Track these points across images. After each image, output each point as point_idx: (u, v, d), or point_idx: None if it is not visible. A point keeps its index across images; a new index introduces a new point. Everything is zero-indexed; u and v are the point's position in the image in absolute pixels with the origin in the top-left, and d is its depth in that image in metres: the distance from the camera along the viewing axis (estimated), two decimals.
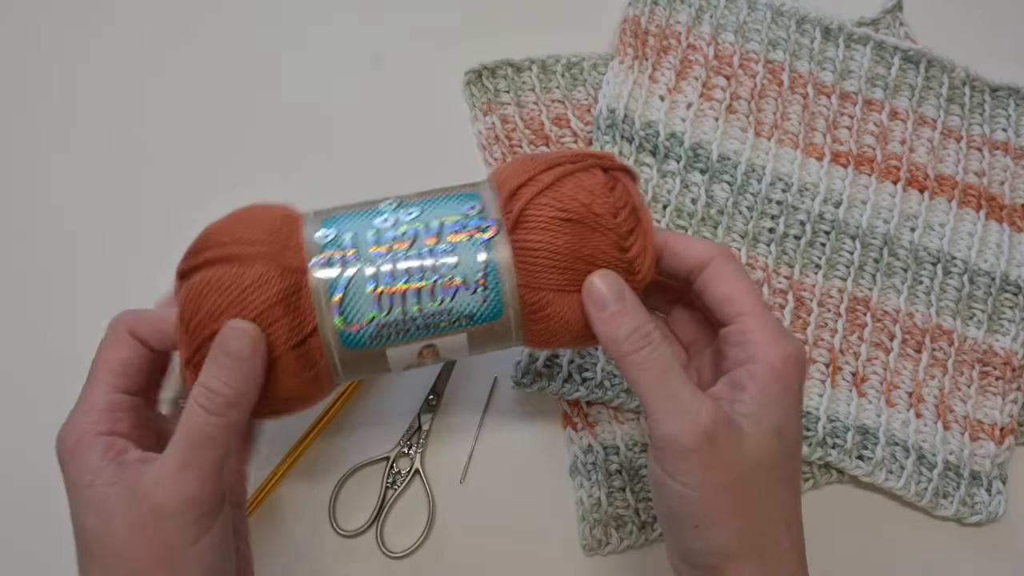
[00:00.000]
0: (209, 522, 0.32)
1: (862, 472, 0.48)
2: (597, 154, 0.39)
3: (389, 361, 0.37)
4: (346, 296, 0.35)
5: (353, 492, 0.47)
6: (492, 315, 0.37)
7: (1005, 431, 0.50)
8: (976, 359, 0.51)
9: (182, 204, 0.48)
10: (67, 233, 0.53)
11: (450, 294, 0.36)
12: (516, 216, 0.37)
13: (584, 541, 0.46)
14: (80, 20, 0.59)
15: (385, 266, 0.35)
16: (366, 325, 0.35)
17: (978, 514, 0.48)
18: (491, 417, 0.49)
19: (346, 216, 0.37)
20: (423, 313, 0.36)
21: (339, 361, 0.36)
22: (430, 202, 0.38)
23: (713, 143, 0.54)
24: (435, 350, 0.37)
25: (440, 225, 0.36)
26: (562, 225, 0.36)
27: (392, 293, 0.35)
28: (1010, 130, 0.57)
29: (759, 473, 0.35)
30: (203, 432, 0.32)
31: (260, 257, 0.35)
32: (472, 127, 0.56)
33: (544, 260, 0.36)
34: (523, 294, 0.37)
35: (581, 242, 0.37)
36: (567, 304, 0.37)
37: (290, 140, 0.55)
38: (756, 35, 0.57)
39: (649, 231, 0.38)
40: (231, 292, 0.34)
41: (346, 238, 0.36)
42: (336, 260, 0.35)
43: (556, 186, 0.37)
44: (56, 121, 0.56)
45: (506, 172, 0.39)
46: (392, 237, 0.36)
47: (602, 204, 0.37)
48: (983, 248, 0.54)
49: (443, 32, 0.59)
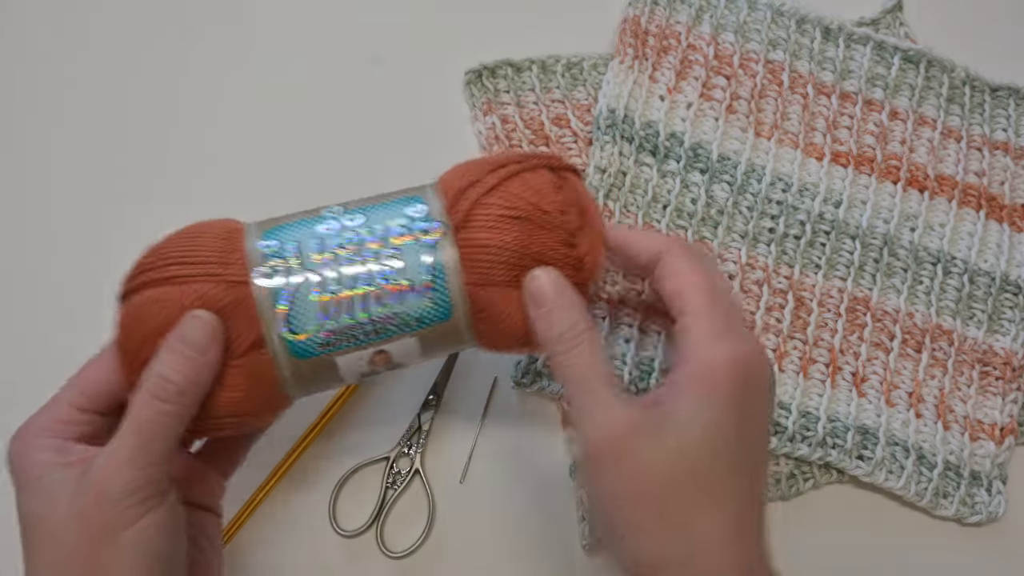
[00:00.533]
0: (153, 504, 0.32)
1: (862, 472, 0.48)
2: (544, 155, 0.39)
3: (340, 370, 0.36)
4: (292, 306, 0.35)
5: (353, 492, 0.47)
6: (441, 316, 0.36)
7: (1005, 431, 0.50)
8: (976, 359, 0.51)
9: (182, 204, 0.48)
10: (43, 239, 0.53)
11: (398, 298, 0.35)
12: (463, 216, 0.36)
13: (584, 541, 0.46)
14: (60, 16, 0.59)
15: (330, 273, 0.35)
16: (314, 334, 0.35)
17: (978, 514, 0.48)
18: (491, 417, 0.49)
19: (289, 225, 0.36)
20: (371, 318, 0.35)
21: (289, 373, 0.35)
22: (374, 207, 0.37)
23: (713, 143, 0.54)
24: (387, 356, 0.37)
25: (385, 229, 0.36)
26: (510, 223, 0.36)
27: (339, 300, 0.35)
28: (1010, 130, 0.57)
29: (685, 481, 0.33)
30: (153, 421, 0.33)
31: (201, 274, 0.34)
32: (472, 127, 0.56)
33: (491, 257, 0.36)
34: (471, 292, 0.36)
35: (529, 239, 0.36)
36: (516, 301, 0.37)
37: (290, 140, 0.55)
38: (756, 35, 0.57)
39: (598, 228, 0.39)
40: (171, 312, 0.34)
41: (289, 247, 0.35)
42: (280, 270, 0.35)
43: (503, 186, 0.37)
44: (32, 122, 0.56)
45: (451, 175, 0.39)
46: (336, 244, 0.35)
47: (550, 202, 0.37)
48: (983, 248, 0.54)
49: (443, 32, 0.59)
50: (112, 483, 0.32)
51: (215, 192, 0.48)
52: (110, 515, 0.32)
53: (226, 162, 0.54)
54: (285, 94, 0.57)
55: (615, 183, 0.52)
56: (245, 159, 0.54)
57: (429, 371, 0.50)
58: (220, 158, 0.55)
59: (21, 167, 0.55)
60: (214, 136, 0.56)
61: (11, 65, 0.58)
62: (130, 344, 0.35)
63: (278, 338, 0.35)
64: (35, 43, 0.58)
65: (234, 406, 0.35)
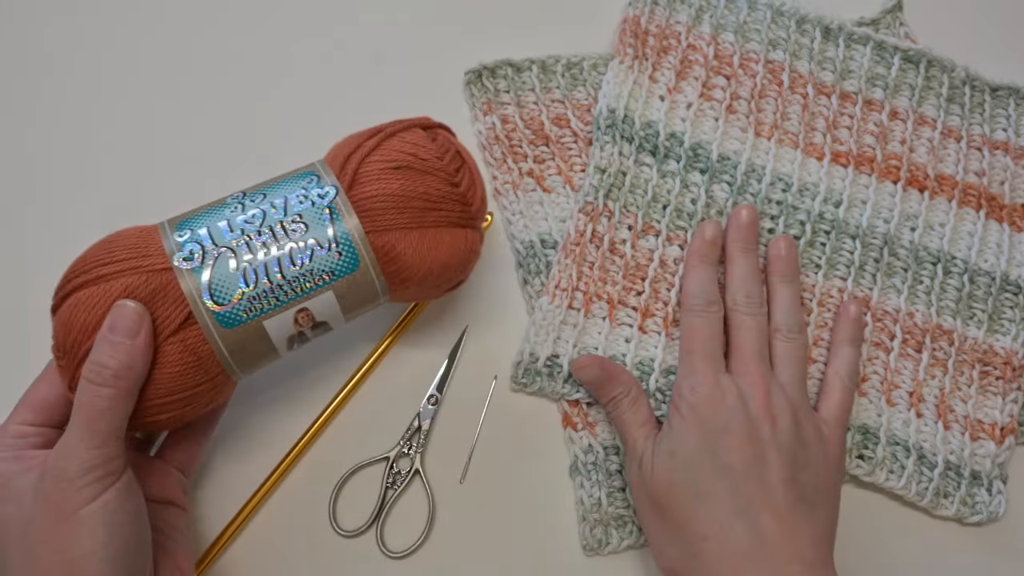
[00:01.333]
0: (109, 482, 0.35)
1: (863, 472, 0.48)
2: (414, 119, 0.45)
3: (270, 335, 0.40)
4: (213, 280, 0.38)
5: (353, 492, 0.47)
6: (350, 267, 0.41)
7: (1005, 431, 0.50)
8: (976, 359, 0.51)
9: (182, 203, 0.48)
10: None
11: (307, 256, 0.40)
12: (351, 177, 0.41)
13: (584, 541, 0.46)
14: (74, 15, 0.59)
15: (243, 246, 0.39)
16: (237, 302, 0.39)
17: (978, 514, 0.48)
18: (491, 417, 0.49)
19: (197, 216, 0.40)
20: (287, 279, 0.39)
21: (222, 344, 0.39)
22: (272, 187, 0.42)
23: (713, 143, 0.54)
24: (309, 313, 0.41)
25: (284, 200, 0.41)
26: (394, 173, 0.41)
27: (255, 268, 0.39)
28: (1010, 130, 0.57)
29: (668, 491, 0.41)
30: (95, 404, 0.36)
31: (124, 269, 0.38)
32: (472, 127, 0.56)
33: (383, 204, 0.41)
34: (372, 240, 0.41)
35: (414, 184, 0.42)
36: (415, 241, 0.42)
37: (289, 140, 0.55)
38: (756, 35, 0.57)
39: (475, 168, 0.45)
40: (100, 307, 0.37)
41: (202, 232, 0.39)
42: (196, 252, 0.39)
43: (382, 145, 0.43)
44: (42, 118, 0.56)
45: (335, 148, 0.44)
46: (243, 220, 0.40)
47: (427, 151, 0.43)
48: (983, 248, 0.54)
49: (443, 32, 0.59)
50: (68, 465, 0.35)
51: (215, 192, 0.48)
52: (69, 492, 0.35)
53: (226, 162, 0.54)
54: (284, 94, 0.57)
55: (615, 183, 0.52)
56: (245, 159, 0.54)
57: (430, 371, 0.50)
58: (220, 157, 0.55)
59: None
60: (213, 136, 0.56)
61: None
62: (67, 346, 0.38)
63: (205, 311, 0.38)
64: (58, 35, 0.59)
65: (174, 381, 0.38)
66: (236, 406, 0.48)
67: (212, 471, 0.48)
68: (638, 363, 0.49)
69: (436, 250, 0.42)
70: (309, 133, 0.48)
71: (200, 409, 0.41)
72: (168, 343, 0.38)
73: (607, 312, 0.50)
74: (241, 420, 0.49)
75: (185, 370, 0.38)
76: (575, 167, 0.54)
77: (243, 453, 0.48)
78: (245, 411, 0.49)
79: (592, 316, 0.50)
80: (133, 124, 0.56)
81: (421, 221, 0.42)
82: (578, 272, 0.50)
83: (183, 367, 0.38)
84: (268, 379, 0.49)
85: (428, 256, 0.42)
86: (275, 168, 0.49)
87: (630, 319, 0.50)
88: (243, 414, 0.49)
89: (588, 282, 0.50)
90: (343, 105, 0.56)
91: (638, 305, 0.50)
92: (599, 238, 0.51)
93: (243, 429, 0.48)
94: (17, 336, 0.47)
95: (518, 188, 0.54)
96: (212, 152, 0.55)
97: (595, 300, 0.50)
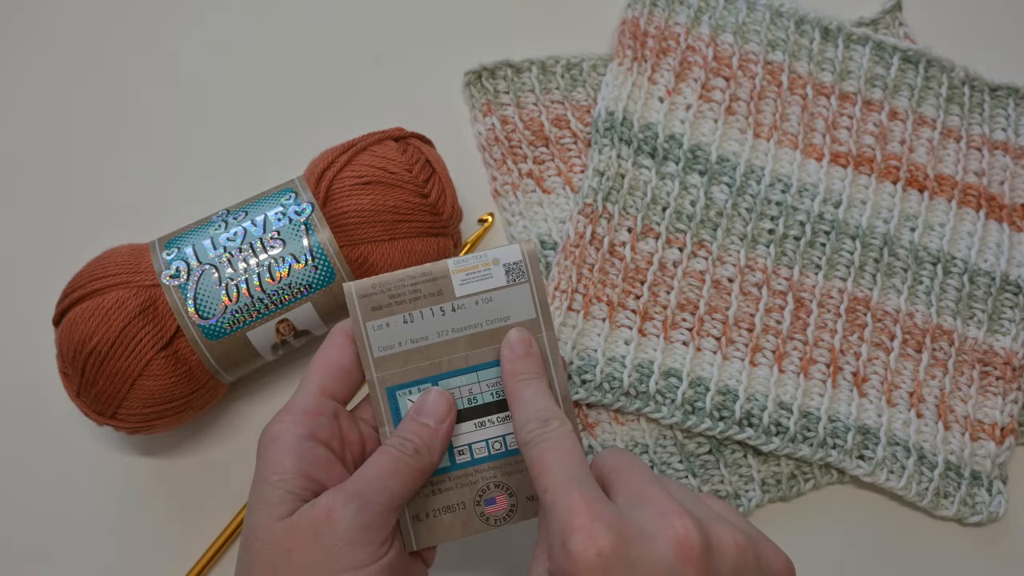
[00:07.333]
0: (381, 552, 0.34)
1: (863, 472, 0.48)
2: (387, 131, 0.47)
3: (255, 344, 0.43)
4: (198, 295, 0.42)
5: None
6: (327, 280, 0.44)
7: (1005, 431, 0.50)
8: (976, 359, 0.51)
9: (183, 203, 0.48)
10: None
11: (285, 270, 0.43)
12: (325, 193, 0.44)
13: None
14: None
15: (225, 262, 0.42)
16: (221, 315, 0.42)
17: (979, 514, 0.48)
18: None
19: (184, 235, 0.44)
20: (266, 292, 0.42)
21: (209, 354, 0.42)
22: (253, 204, 0.45)
23: (712, 145, 0.54)
24: (290, 324, 0.44)
25: (264, 218, 0.44)
26: (364, 188, 0.44)
27: (236, 283, 0.42)
28: (1010, 130, 0.57)
29: None
30: (387, 466, 0.35)
31: (116, 283, 0.42)
32: (472, 128, 0.56)
33: (355, 219, 0.44)
34: (346, 253, 0.44)
35: (383, 197, 0.44)
36: (387, 252, 0.44)
37: (289, 140, 0.55)
38: (755, 36, 0.57)
39: (446, 177, 0.47)
40: (96, 317, 0.41)
41: (188, 251, 0.43)
42: (183, 269, 0.42)
43: (353, 161, 0.45)
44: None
45: (311, 165, 0.46)
46: (226, 238, 0.43)
47: (396, 164, 0.45)
48: (983, 248, 0.54)
49: (443, 32, 0.59)
50: (340, 521, 0.33)
51: (214, 192, 0.48)
52: (334, 550, 0.33)
53: (225, 162, 0.55)
54: (284, 94, 0.57)
55: (614, 186, 0.52)
56: (244, 158, 0.54)
57: None
58: (219, 157, 0.55)
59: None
60: (213, 135, 0.56)
61: None
62: (69, 356, 0.41)
63: (192, 324, 0.42)
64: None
65: (169, 390, 0.42)
66: (243, 404, 0.48)
67: (213, 471, 0.48)
68: (637, 365, 0.49)
69: (408, 260, 0.45)
70: (309, 134, 0.48)
71: (196, 411, 0.44)
72: (161, 355, 0.41)
73: (606, 314, 0.50)
74: (242, 420, 0.49)
75: (178, 380, 0.42)
76: (575, 168, 0.54)
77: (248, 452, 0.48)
78: (246, 410, 0.49)
79: (591, 318, 0.50)
80: (133, 127, 0.56)
81: (392, 233, 0.44)
82: (577, 274, 0.50)
83: (176, 377, 0.42)
84: (272, 382, 0.49)
85: (400, 265, 0.44)
86: (275, 170, 0.49)
87: (629, 321, 0.50)
88: (244, 414, 0.49)
89: (587, 284, 0.50)
90: (343, 105, 0.56)
91: (637, 308, 0.50)
92: (599, 240, 0.51)
93: (246, 430, 0.49)
94: (25, 346, 0.49)
95: (518, 189, 0.54)
96: (212, 156, 0.55)
97: (594, 302, 0.50)
